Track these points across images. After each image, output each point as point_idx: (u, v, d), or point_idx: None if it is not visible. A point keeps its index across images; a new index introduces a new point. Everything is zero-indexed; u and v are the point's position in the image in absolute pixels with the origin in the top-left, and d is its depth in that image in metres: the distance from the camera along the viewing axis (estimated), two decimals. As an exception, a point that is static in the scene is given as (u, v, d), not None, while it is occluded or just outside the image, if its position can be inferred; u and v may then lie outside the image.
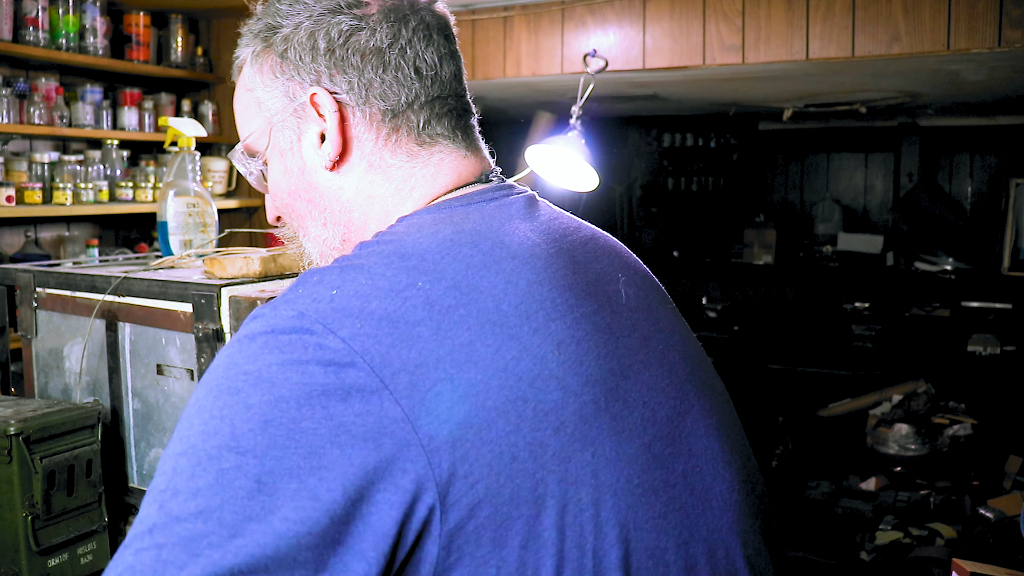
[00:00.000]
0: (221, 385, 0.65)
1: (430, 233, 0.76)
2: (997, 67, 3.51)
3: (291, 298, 0.69)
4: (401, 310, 0.67)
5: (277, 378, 0.63)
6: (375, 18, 0.82)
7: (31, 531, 1.21)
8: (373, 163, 0.84)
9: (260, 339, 0.66)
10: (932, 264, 6.12)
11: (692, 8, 3.39)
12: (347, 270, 0.72)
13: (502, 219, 0.80)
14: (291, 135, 0.86)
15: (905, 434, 4.76)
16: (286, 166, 0.87)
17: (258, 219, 3.97)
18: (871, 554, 3.66)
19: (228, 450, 0.61)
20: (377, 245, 0.76)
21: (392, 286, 0.69)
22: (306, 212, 0.88)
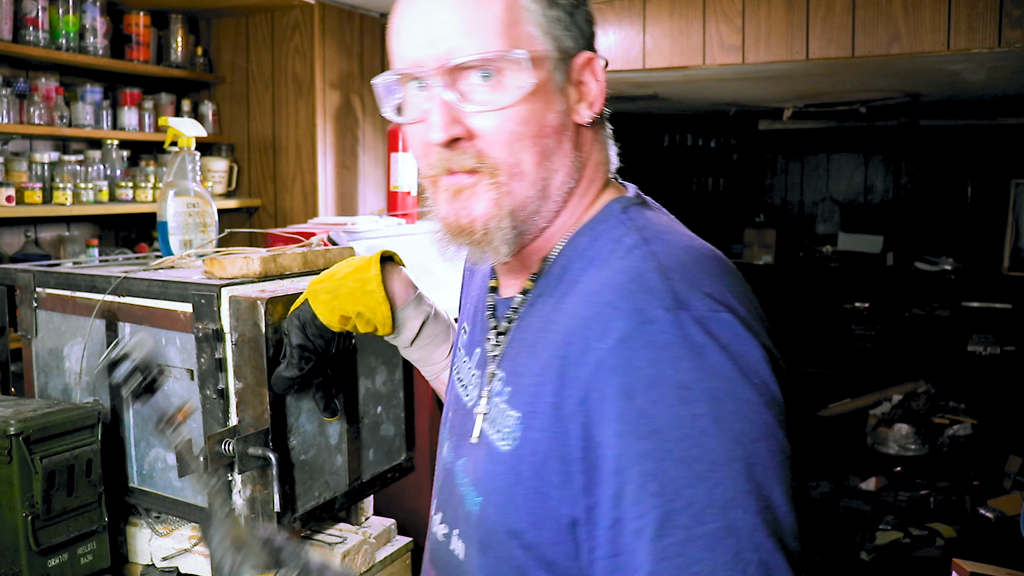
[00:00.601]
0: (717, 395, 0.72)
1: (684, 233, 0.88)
2: (997, 67, 3.50)
3: (686, 292, 0.76)
4: (745, 293, 0.80)
5: (751, 370, 0.74)
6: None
7: (31, 531, 1.21)
8: (597, 130, 0.92)
9: (711, 348, 0.73)
10: (932, 264, 6.11)
11: (692, 8, 3.39)
12: (688, 256, 0.80)
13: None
14: (563, 77, 0.87)
15: (905, 434, 4.76)
16: (552, 101, 0.85)
17: (258, 219, 3.97)
18: (871, 554, 3.66)
19: (751, 444, 0.72)
20: (673, 237, 0.84)
21: (736, 280, 0.81)
22: (549, 152, 0.86)
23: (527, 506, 0.80)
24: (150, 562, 1.37)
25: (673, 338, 0.73)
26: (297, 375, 1.15)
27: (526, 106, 0.83)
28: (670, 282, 0.76)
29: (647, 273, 0.77)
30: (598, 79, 0.89)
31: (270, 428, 1.20)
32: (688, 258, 0.80)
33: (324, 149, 3.81)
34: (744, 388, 0.72)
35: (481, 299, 1.01)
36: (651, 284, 0.76)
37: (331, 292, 1.12)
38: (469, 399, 0.95)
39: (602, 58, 0.90)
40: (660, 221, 0.87)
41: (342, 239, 2.42)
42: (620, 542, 0.72)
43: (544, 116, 0.84)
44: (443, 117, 0.82)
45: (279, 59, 3.80)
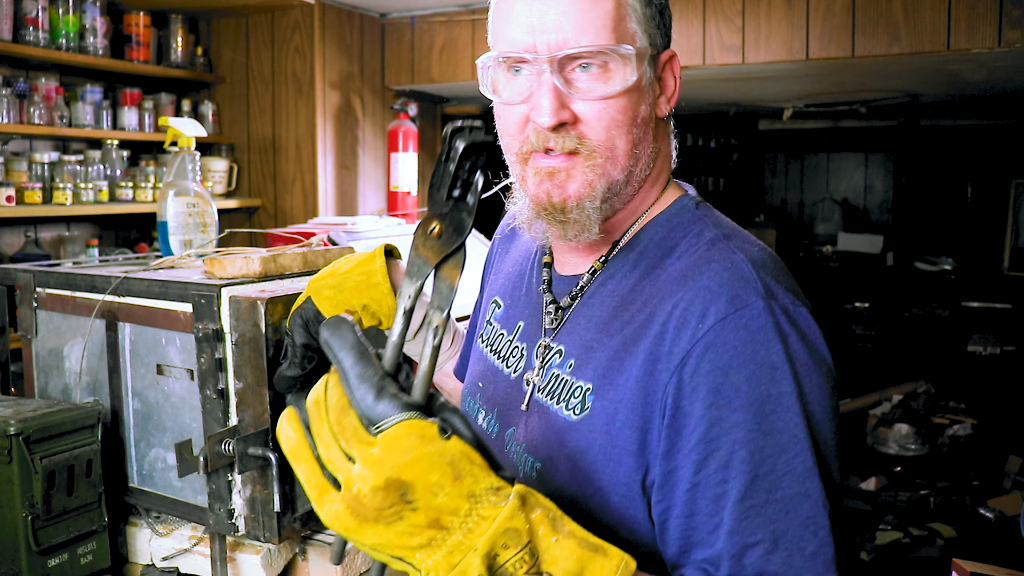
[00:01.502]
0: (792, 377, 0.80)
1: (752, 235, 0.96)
2: (997, 67, 3.50)
3: (772, 283, 0.85)
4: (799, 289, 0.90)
5: (816, 360, 0.83)
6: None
7: (31, 531, 1.21)
8: (668, 131, 0.99)
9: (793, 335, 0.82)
10: (932, 264, 6.11)
11: (692, 8, 3.39)
12: (761, 254, 0.89)
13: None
14: (653, 74, 0.93)
15: (905, 434, 4.76)
16: (648, 94, 0.92)
17: (258, 219, 3.97)
18: (871, 554, 3.66)
19: (820, 425, 0.81)
20: (745, 234, 0.93)
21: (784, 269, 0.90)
22: (640, 140, 0.92)
23: (598, 470, 0.86)
24: (150, 562, 1.37)
25: (765, 323, 0.81)
26: (299, 374, 1.15)
27: (626, 97, 0.89)
28: (760, 274, 0.84)
29: (740, 264, 0.85)
30: (676, 76, 0.95)
31: (270, 428, 1.20)
32: (765, 256, 0.89)
33: (324, 149, 3.81)
34: (817, 373, 0.81)
35: (524, 274, 1.08)
36: (745, 274, 0.84)
37: (335, 287, 1.11)
38: (512, 370, 1.00)
39: (677, 57, 0.97)
40: (728, 220, 0.96)
41: (342, 239, 2.42)
42: (698, 503, 0.80)
43: (638, 107, 0.90)
44: (553, 102, 0.87)
45: (279, 59, 3.80)
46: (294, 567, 1.34)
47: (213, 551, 1.29)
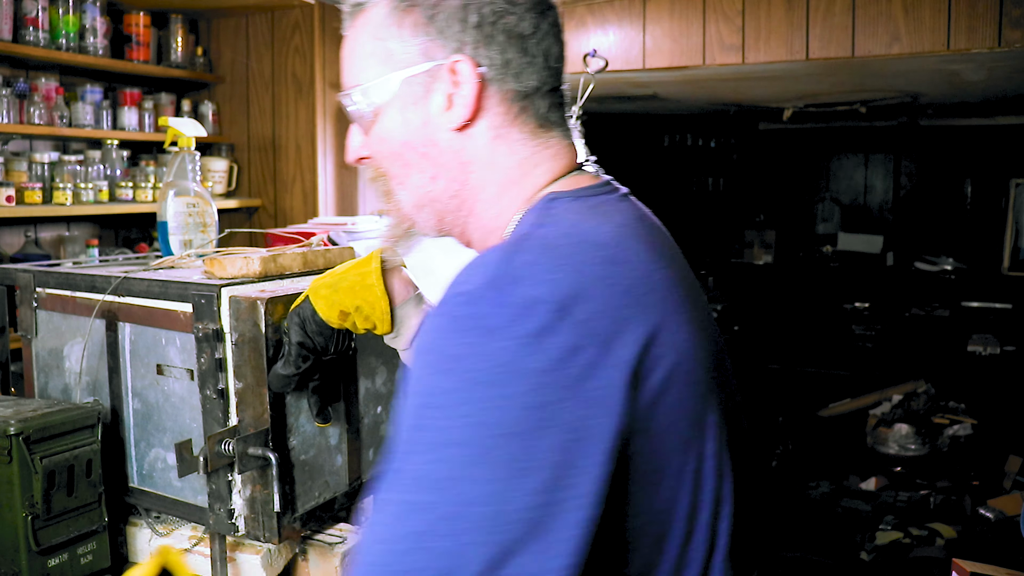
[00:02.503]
0: (480, 378, 0.71)
1: (597, 224, 0.85)
2: (997, 67, 3.50)
3: (513, 279, 0.75)
4: (612, 297, 0.77)
5: (530, 368, 0.71)
6: (523, 6, 0.90)
7: (31, 531, 1.21)
8: (500, 135, 0.91)
9: (504, 332, 0.72)
10: (932, 264, 6.12)
11: (692, 8, 3.39)
12: (551, 253, 0.79)
13: (636, 215, 0.92)
14: (419, 91, 0.91)
15: (905, 434, 4.76)
16: (406, 118, 0.92)
17: (258, 219, 3.97)
18: (871, 554, 3.66)
19: (507, 437, 0.70)
20: (561, 227, 0.84)
21: (600, 275, 0.78)
22: (415, 163, 0.93)
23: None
24: (150, 562, 1.37)
25: (468, 312, 0.74)
26: (294, 373, 1.15)
27: (381, 128, 0.94)
28: (508, 263, 0.77)
29: (494, 252, 0.79)
30: (459, 83, 0.89)
31: (270, 428, 1.20)
32: (555, 243, 0.80)
33: (324, 149, 3.81)
34: (515, 382, 0.71)
35: None
36: (487, 261, 0.78)
37: (331, 287, 1.13)
38: None
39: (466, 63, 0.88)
40: (578, 210, 0.87)
41: (342, 239, 2.42)
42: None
43: (397, 130, 0.93)
44: (351, 141, 0.99)
45: (279, 59, 3.80)
46: (294, 567, 1.34)
47: (213, 551, 1.29)
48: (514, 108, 0.90)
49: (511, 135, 0.91)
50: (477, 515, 0.68)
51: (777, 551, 3.74)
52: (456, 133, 0.91)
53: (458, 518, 0.68)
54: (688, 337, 0.82)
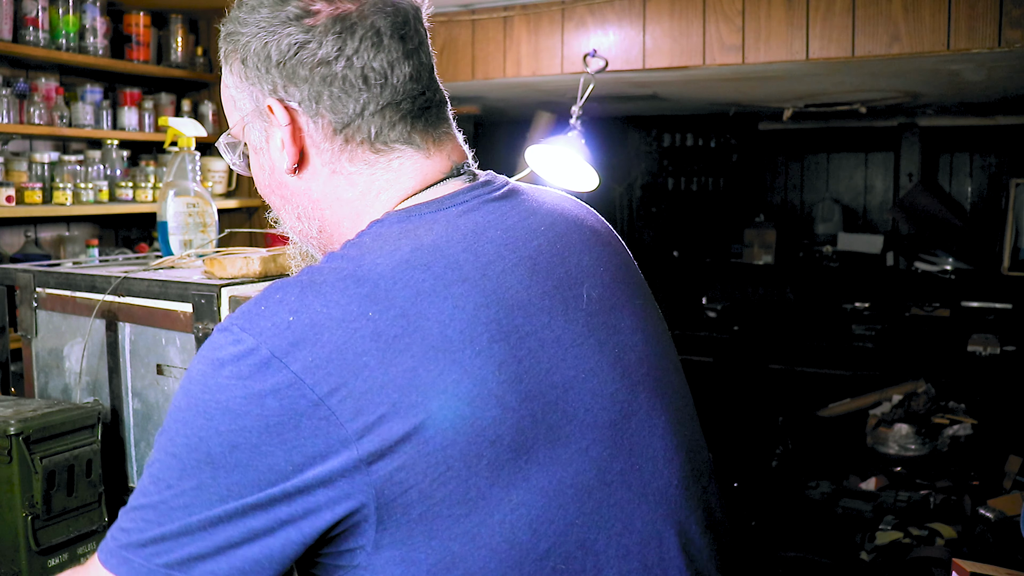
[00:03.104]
0: (198, 407, 0.76)
1: (389, 252, 0.81)
2: (997, 67, 3.50)
3: (252, 321, 0.77)
4: (350, 342, 0.75)
5: (241, 410, 0.74)
6: (321, 29, 0.84)
7: (31, 531, 1.21)
8: (335, 169, 0.88)
9: (227, 369, 0.75)
10: (932, 264, 6.12)
11: (692, 8, 3.39)
12: (306, 292, 0.78)
13: (466, 230, 0.84)
14: (260, 136, 0.91)
15: (905, 434, 4.76)
16: (259, 163, 0.94)
17: (258, 219, 3.97)
18: (871, 554, 3.66)
19: (206, 464, 0.74)
20: (339, 262, 0.81)
21: (344, 315, 0.76)
22: (281, 205, 0.94)
23: None
24: (150, 562, 1.37)
25: (213, 340, 0.78)
26: None
27: (253, 172, 0.96)
28: (263, 300, 0.79)
29: (267, 287, 0.82)
30: (279, 126, 0.87)
31: (270, 428, 1.20)
32: (319, 280, 0.79)
33: (324, 149, 3.81)
34: (222, 419, 0.74)
35: None
36: (256, 296, 0.81)
37: None
38: None
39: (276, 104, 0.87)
40: (381, 235, 0.84)
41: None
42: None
43: (260, 176, 0.95)
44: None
45: (279, 59, 3.80)
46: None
47: (213, 551, 1.29)
48: (338, 140, 0.86)
49: (344, 168, 0.88)
50: (177, 518, 0.75)
51: (777, 551, 3.74)
52: (296, 176, 0.90)
53: (163, 515, 0.76)
54: (466, 375, 0.75)
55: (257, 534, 0.74)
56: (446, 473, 0.74)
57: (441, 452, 0.74)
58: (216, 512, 0.74)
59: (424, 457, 0.74)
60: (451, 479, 0.74)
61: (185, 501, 0.75)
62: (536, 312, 0.82)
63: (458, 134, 0.94)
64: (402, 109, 0.87)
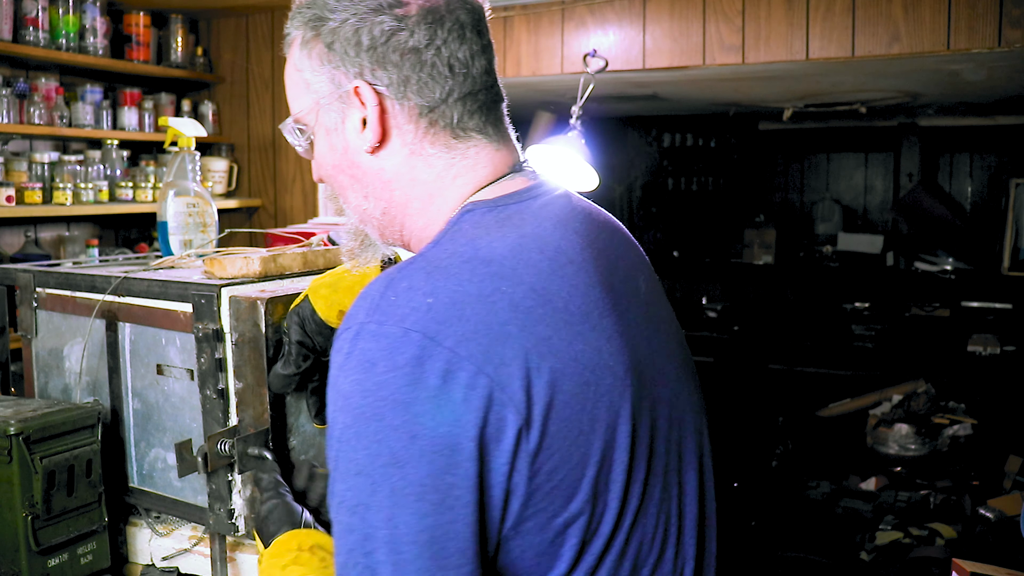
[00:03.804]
0: (365, 414, 0.77)
1: (499, 237, 0.86)
2: (997, 67, 3.50)
3: (389, 312, 0.79)
4: (491, 314, 0.79)
5: (408, 399, 0.76)
6: (414, 19, 0.90)
7: (31, 531, 1.21)
8: (415, 151, 0.93)
9: (381, 365, 0.77)
10: (932, 264, 6.11)
11: (692, 8, 3.39)
12: (434, 275, 0.81)
13: (554, 222, 0.91)
14: (336, 117, 0.94)
15: (905, 434, 4.76)
16: (331, 144, 0.96)
17: (258, 219, 3.97)
18: (871, 554, 3.66)
19: (392, 467, 0.76)
20: (452, 247, 0.85)
21: (480, 292, 0.80)
22: (348, 185, 0.97)
23: None
24: (150, 562, 1.37)
25: (351, 348, 0.79)
26: (294, 372, 1.16)
27: (317, 153, 0.99)
28: (385, 291, 0.81)
29: (380, 280, 0.84)
30: (364, 106, 0.92)
31: (270, 428, 1.20)
32: (440, 264, 0.83)
33: (324, 149, 3.81)
34: (393, 414, 0.76)
35: None
36: (370, 290, 0.83)
37: (331, 286, 1.13)
38: None
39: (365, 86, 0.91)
40: (483, 223, 0.89)
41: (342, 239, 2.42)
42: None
43: (328, 156, 0.97)
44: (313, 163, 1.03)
45: (279, 59, 3.80)
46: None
47: (213, 551, 1.29)
48: (422, 123, 0.92)
49: (424, 149, 0.93)
50: (381, 537, 0.76)
51: (777, 551, 3.74)
52: (374, 156, 0.94)
53: (369, 539, 0.77)
54: (587, 346, 0.83)
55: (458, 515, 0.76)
56: (579, 437, 0.81)
57: (576, 417, 0.81)
58: (422, 507, 0.76)
59: (564, 421, 0.80)
60: (583, 443, 0.81)
61: (386, 515, 0.76)
62: (621, 296, 0.91)
63: (512, 132, 1.01)
64: (479, 99, 0.93)
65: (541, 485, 0.80)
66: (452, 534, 0.76)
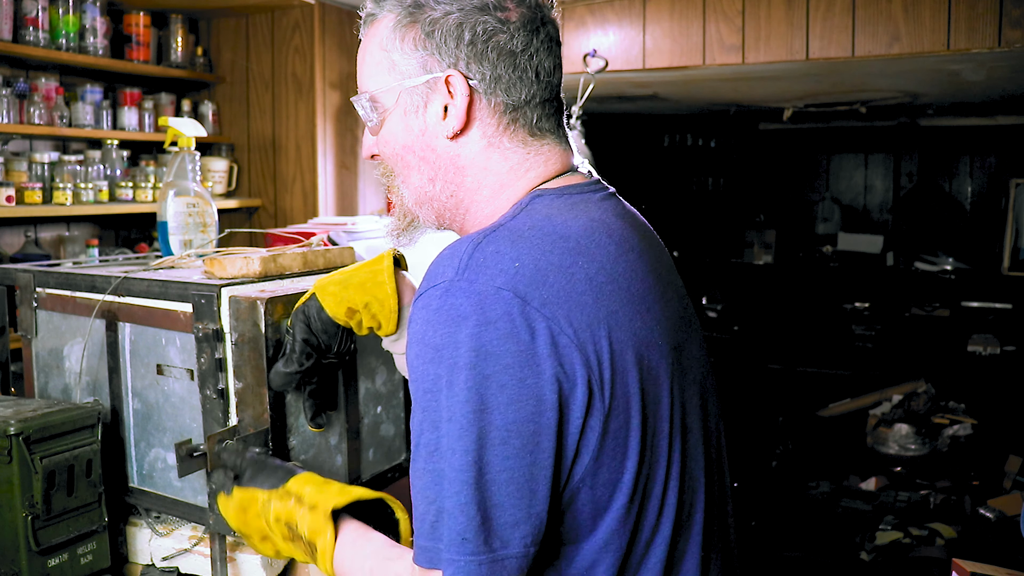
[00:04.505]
0: (456, 363, 0.83)
1: (571, 218, 0.95)
2: (997, 67, 3.51)
3: (479, 272, 0.86)
4: (571, 283, 0.88)
5: (500, 350, 0.83)
6: (515, 25, 0.97)
7: (31, 531, 1.21)
8: (492, 143, 0.99)
9: (472, 319, 0.83)
10: (932, 264, 6.11)
11: (692, 8, 3.39)
12: (518, 243, 0.89)
13: (613, 214, 1.00)
14: (419, 100, 1.00)
15: (905, 434, 4.76)
16: (407, 124, 1.01)
17: (258, 219, 3.97)
18: (871, 554, 3.66)
19: (481, 412, 0.82)
20: (530, 220, 0.93)
21: (561, 263, 0.88)
22: (415, 165, 1.02)
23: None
24: (150, 562, 1.37)
25: (440, 304, 0.85)
26: (296, 370, 1.16)
27: (386, 131, 1.03)
28: (474, 253, 0.87)
29: (464, 243, 0.90)
30: (453, 95, 0.97)
31: (270, 428, 1.20)
32: (522, 233, 0.90)
33: (324, 149, 3.81)
34: (485, 364, 0.83)
35: None
36: (456, 251, 0.89)
37: (341, 283, 1.14)
38: None
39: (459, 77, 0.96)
40: (556, 205, 0.96)
41: (342, 239, 2.42)
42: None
43: (400, 135, 1.02)
44: (365, 139, 1.08)
45: (279, 59, 3.80)
46: (294, 568, 1.34)
47: (213, 551, 1.29)
48: (505, 119, 0.99)
49: (503, 143, 1.00)
50: (464, 480, 0.82)
51: (777, 551, 3.74)
52: (452, 142, 0.99)
53: (455, 481, 0.82)
54: (644, 325, 0.92)
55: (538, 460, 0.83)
56: (631, 399, 0.89)
57: (633, 385, 0.89)
58: (506, 450, 0.82)
59: (623, 386, 0.88)
60: (634, 405, 0.89)
61: (472, 458, 0.82)
62: (666, 285, 1.00)
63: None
64: (553, 106, 1.02)
65: (608, 444, 0.87)
66: (531, 477, 0.83)
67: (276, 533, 1.08)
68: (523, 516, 0.83)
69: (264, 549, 1.11)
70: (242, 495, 1.11)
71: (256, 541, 1.11)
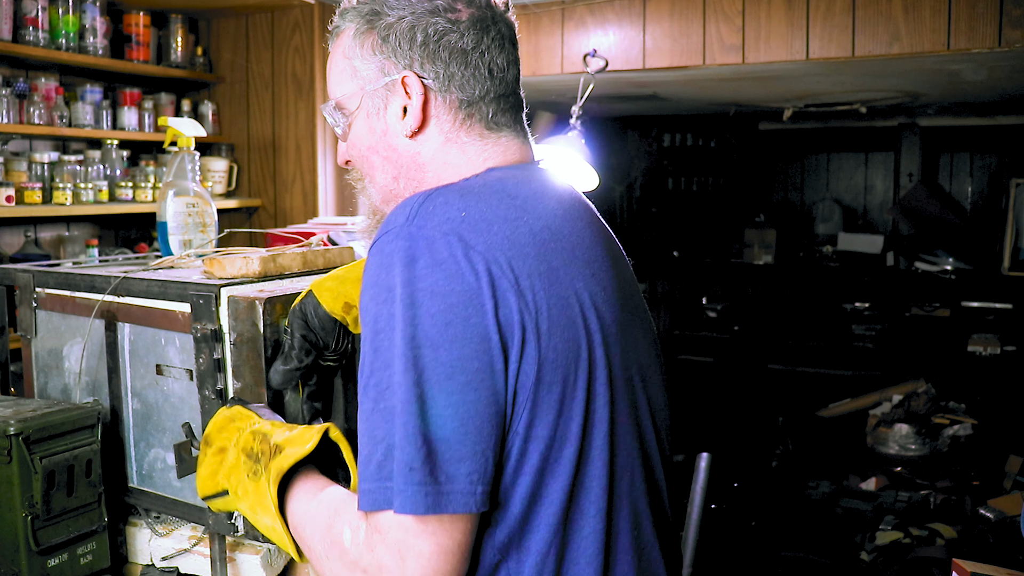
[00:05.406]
0: (404, 300, 0.87)
1: (523, 182, 1.00)
2: (997, 67, 3.50)
3: (428, 218, 0.90)
4: (515, 235, 0.93)
5: (446, 289, 0.87)
6: (465, 24, 1.02)
7: (31, 531, 1.21)
8: (450, 138, 1.04)
9: (422, 260, 0.88)
10: (932, 264, 6.11)
11: (692, 8, 3.39)
12: (466, 196, 0.94)
13: (566, 189, 1.07)
14: (379, 103, 1.05)
15: (905, 434, 4.76)
16: (370, 126, 1.06)
17: (258, 219, 3.97)
18: (871, 554, 3.66)
19: (427, 347, 0.86)
20: (484, 180, 0.99)
21: (507, 216, 0.94)
22: (380, 165, 1.07)
23: None
24: (150, 562, 1.37)
25: (392, 248, 0.90)
26: (296, 367, 1.16)
27: (353, 135, 1.09)
28: (424, 202, 0.93)
29: (417, 195, 0.95)
30: (410, 95, 1.02)
31: (270, 428, 1.20)
32: (472, 189, 0.96)
33: (324, 149, 3.81)
34: (431, 302, 0.87)
35: None
36: (409, 202, 0.94)
37: (338, 279, 1.15)
38: None
39: (413, 77, 1.02)
40: (508, 173, 1.02)
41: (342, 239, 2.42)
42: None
43: (364, 137, 1.07)
44: (340, 147, 1.13)
45: (279, 59, 3.80)
46: (293, 567, 1.35)
47: (213, 551, 1.29)
48: (460, 114, 1.03)
49: (460, 137, 1.04)
50: (415, 411, 0.85)
51: (777, 551, 3.74)
52: (411, 140, 1.04)
53: (403, 413, 0.85)
54: (586, 287, 0.96)
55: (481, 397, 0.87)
56: (567, 355, 0.92)
57: (571, 341, 0.93)
58: (451, 385, 0.86)
59: (557, 340, 0.91)
60: (571, 361, 0.93)
61: (417, 392, 0.85)
62: (614, 260, 1.05)
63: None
64: (509, 101, 1.06)
65: (542, 396, 0.90)
66: (476, 413, 0.87)
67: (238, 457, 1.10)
68: (468, 452, 0.86)
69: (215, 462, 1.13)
70: (239, 411, 1.15)
71: (213, 451, 1.13)
